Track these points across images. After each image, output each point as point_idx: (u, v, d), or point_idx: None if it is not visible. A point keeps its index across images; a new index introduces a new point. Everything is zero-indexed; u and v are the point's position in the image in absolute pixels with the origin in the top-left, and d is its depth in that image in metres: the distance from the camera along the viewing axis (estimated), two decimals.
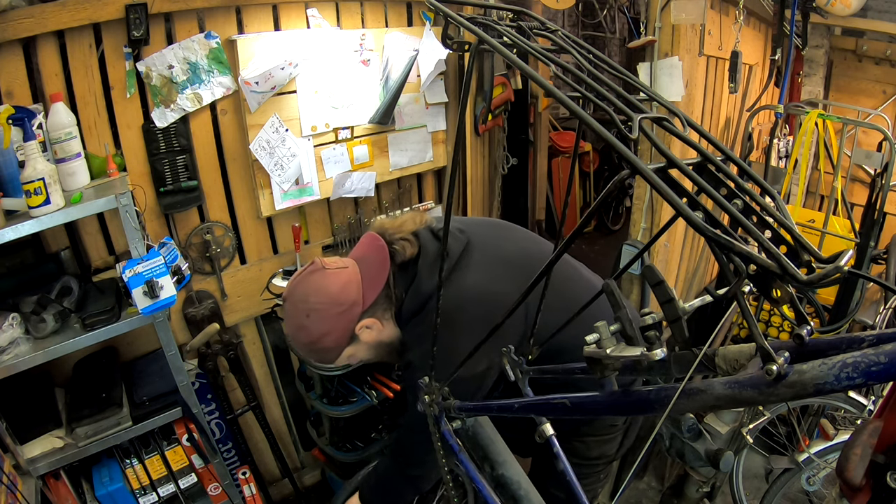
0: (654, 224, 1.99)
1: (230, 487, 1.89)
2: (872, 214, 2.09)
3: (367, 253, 1.25)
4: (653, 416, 0.60)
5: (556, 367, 1.17)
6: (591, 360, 0.63)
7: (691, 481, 1.97)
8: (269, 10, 1.92)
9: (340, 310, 1.18)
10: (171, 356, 1.63)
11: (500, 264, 1.26)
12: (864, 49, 2.73)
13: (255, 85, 1.85)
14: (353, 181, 2.24)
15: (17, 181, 1.33)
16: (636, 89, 0.69)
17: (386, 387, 2.10)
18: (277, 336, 2.32)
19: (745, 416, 1.88)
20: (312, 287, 1.19)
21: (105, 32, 1.63)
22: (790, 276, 0.43)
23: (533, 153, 3.68)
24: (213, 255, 2.01)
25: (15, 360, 1.40)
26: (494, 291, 1.20)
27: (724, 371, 0.65)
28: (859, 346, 0.56)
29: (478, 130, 2.64)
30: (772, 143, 2.59)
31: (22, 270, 1.63)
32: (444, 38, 0.89)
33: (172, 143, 1.83)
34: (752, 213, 0.53)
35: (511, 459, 1.16)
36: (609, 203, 5.10)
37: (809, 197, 2.81)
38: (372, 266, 1.22)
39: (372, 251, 1.25)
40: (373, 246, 1.25)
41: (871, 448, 0.55)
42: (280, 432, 2.44)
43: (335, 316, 1.18)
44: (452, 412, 1.19)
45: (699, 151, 0.55)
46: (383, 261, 1.23)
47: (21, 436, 1.54)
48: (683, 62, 1.77)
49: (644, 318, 0.58)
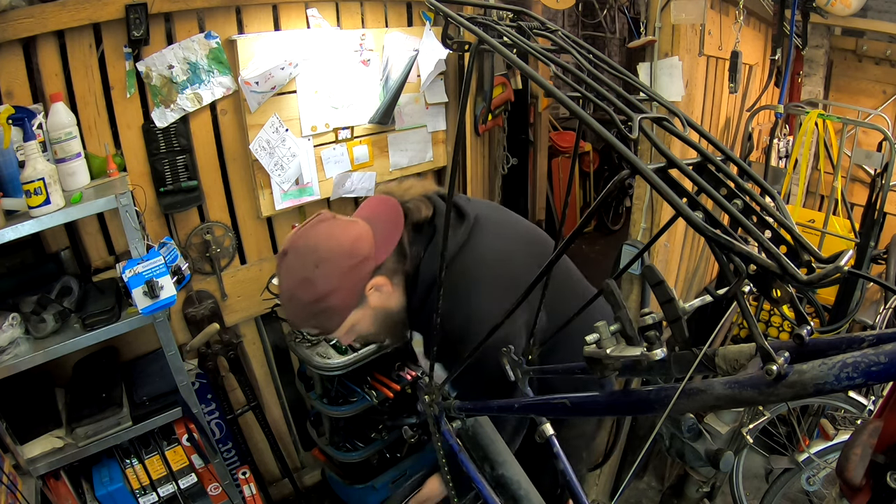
0: (654, 224, 1.98)
1: (230, 487, 1.89)
2: (872, 214, 2.09)
3: (376, 212, 1.17)
4: (653, 416, 0.60)
5: (556, 367, 1.17)
6: (591, 360, 0.63)
7: (691, 481, 1.98)
8: (269, 10, 1.92)
9: (353, 262, 1.07)
10: (171, 356, 1.63)
11: (510, 234, 1.26)
12: (864, 49, 2.73)
13: (255, 85, 1.85)
14: (353, 181, 2.24)
15: (17, 181, 1.33)
16: (636, 89, 0.69)
17: (386, 387, 2.10)
18: (277, 336, 2.32)
19: (745, 416, 1.88)
20: (323, 235, 1.07)
21: (105, 32, 1.63)
22: (790, 276, 0.43)
23: (533, 153, 3.68)
24: (213, 255, 2.01)
25: (15, 360, 1.40)
26: (511, 252, 1.20)
27: (724, 371, 0.65)
28: (859, 346, 0.56)
29: (478, 130, 2.64)
30: (772, 143, 2.59)
31: (22, 270, 1.63)
32: (444, 38, 0.89)
33: (172, 143, 1.83)
34: (752, 213, 0.53)
35: (511, 459, 1.16)
36: (609, 203, 5.11)
37: (809, 197, 2.81)
38: (384, 224, 1.14)
39: (383, 210, 1.17)
40: (384, 205, 1.18)
41: (871, 448, 0.55)
42: (280, 432, 2.44)
43: (346, 270, 1.07)
44: (452, 412, 1.19)
45: (699, 151, 0.55)
46: (397, 218, 1.15)
47: (21, 436, 1.54)
48: (683, 62, 1.77)
49: (644, 318, 0.58)
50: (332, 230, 1.09)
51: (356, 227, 1.11)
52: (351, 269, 1.07)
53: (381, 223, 1.14)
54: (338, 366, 1.98)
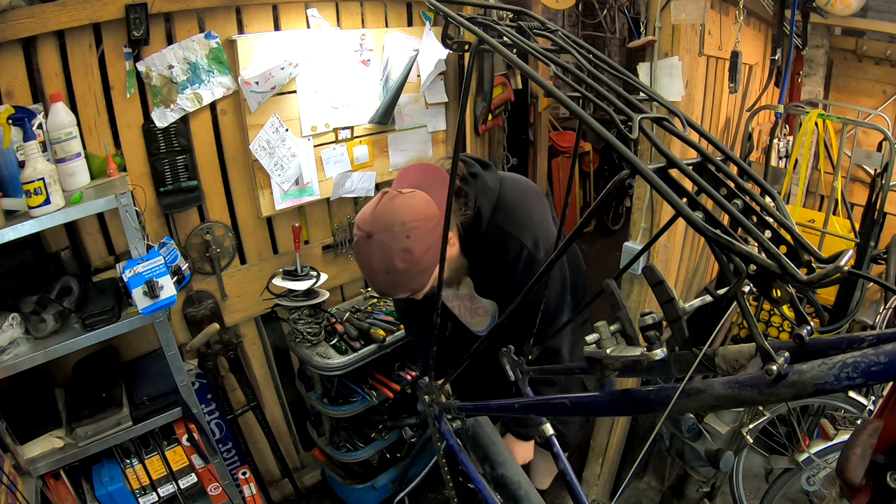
0: (654, 224, 1.98)
1: (230, 487, 1.89)
2: (872, 214, 2.09)
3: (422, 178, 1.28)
4: (653, 416, 0.60)
5: (555, 367, 1.17)
6: (591, 360, 0.63)
7: (691, 481, 1.97)
8: (269, 10, 1.92)
9: (434, 223, 1.18)
10: (171, 356, 1.63)
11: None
12: (864, 49, 2.73)
13: (255, 85, 1.85)
14: (353, 181, 2.24)
15: (17, 181, 1.33)
16: (636, 89, 0.69)
17: (386, 387, 2.11)
18: (277, 336, 2.32)
19: (745, 416, 1.88)
20: (402, 209, 1.18)
21: (105, 32, 1.63)
22: (790, 276, 0.43)
23: (533, 153, 3.68)
24: (213, 255, 2.01)
25: (15, 360, 1.40)
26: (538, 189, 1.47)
27: (724, 371, 0.65)
28: (859, 346, 0.56)
29: (478, 130, 2.63)
30: (772, 143, 2.59)
31: (22, 270, 1.63)
32: (444, 38, 0.89)
33: (172, 143, 1.83)
34: (752, 213, 0.53)
35: (511, 459, 1.16)
36: (609, 203, 5.10)
37: (809, 197, 2.81)
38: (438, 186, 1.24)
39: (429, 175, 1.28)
40: (427, 170, 1.30)
41: (871, 448, 0.55)
42: (280, 432, 2.44)
43: (432, 230, 1.18)
44: (452, 412, 1.19)
45: (699, 151, 0.55)
46: (444, 178, 1.25)
47: (21, 436, 1.54)
48: (683, 62, 1.76)
49: (644, 318, 0.58)
50: (406, 202, 1.19)
51: (420, 195, 1.21)
52: (433, 230, 1.18)
53: (433, 187, 1.24)
54: (338, 366, 1.98)
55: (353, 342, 2.06)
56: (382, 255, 1.17)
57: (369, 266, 1.20)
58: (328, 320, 2.14)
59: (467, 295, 1.51)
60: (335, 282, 2.36)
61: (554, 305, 1.40)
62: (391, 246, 1.16)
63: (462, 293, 1.51)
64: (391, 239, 1.15)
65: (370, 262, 1.19)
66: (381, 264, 1.18)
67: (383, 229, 1.16)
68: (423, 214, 1.17)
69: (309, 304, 2.04)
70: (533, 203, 1.39)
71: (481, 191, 1.31)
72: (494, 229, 1.32)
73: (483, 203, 1.31)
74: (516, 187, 1.40)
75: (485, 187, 1.32)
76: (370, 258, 1.18)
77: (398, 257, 1.16)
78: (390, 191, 1.23)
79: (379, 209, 1.19)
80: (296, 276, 2.04)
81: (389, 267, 1.17)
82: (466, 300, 1.54)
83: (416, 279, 1.21)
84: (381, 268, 1.18)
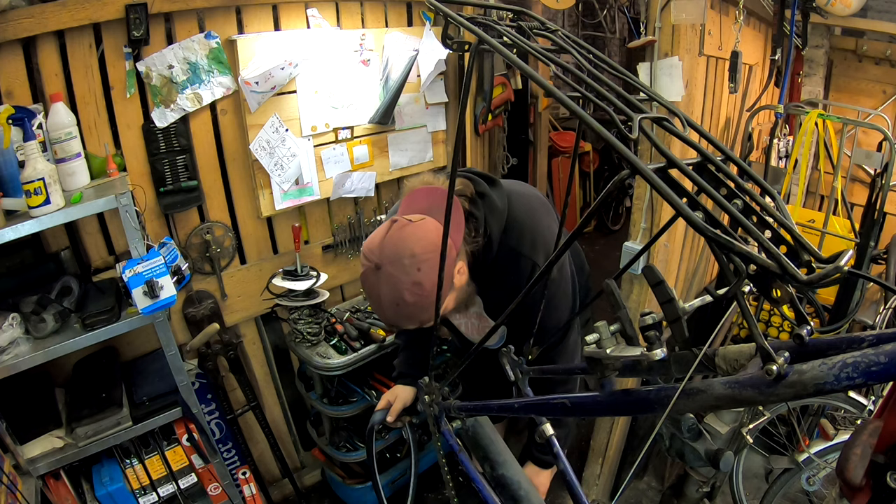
0: (654, 224, 1.98)
1: (230, 487, 1.89)
2: (872, 214, 2.09)
3: (432, 203, 1.23)
4: (653, 416, 0.60)
5: (555, 367, 1.17)
6: (591, 360, 0.63)
7: (691, 481, 1.98)
8: (269, 10, 1.92)
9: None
10: (171, 356, 1.63)
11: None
12: (864, 49, 2.73)
13: (255, 85, 1.85)
14: (353, 181, 2.24)
15: (17, 181, 1.33)
16: (636, 89, 0.69)
17: (386, 387, 2.10)
18: (277, 336, 2.32)
19: (745, 416, 1.88)
20: (411, 240, 1.13)
21: (105, 32, 1.63)
22: (790, 276, 0.43)
23: (533, 153, 3.68)
24: (213, 255, 2.01)
25: (15, 360, 1.40)
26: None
27: (724, 371, 0.65)
28: (859, 346, 0.56)
29: (478, 130, 2.63)
30: (772, 143, 2.59)
31: (22, 270, 1.63)
32: (444, 38, 0.89)
33: (172, 143, 1.83)
34: (752, 213, 0.53)
35: (511, 459, 1.16)
36: (609, 203, 5.10)
37: (809, 197, 2.81)
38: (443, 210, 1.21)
39: (436, 200, 1.23)
40: (432, 195, 1.25)
41: (871, 448, 0.55)
42: (280, 432, 2.44)
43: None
44: (452, 412, 1.19)
45: (699, 151, 0.55)
46: (456, 202, 1.22)
47: (21, 436, 1.54)
48: (683, 62, 1.76)
49: (644, 318, 0.58)
50: (416, 232, 1.14)
51: (430, 223, 1.17)
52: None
53: (442, 212, 1.19)
54: (338, 366, 1.98)
55: (353, 342, 2.06)
56: (392, 287, 1.13)
57: (378, 299, 1.16)
58: (328, 320, 2.14)
59: (475, 314, 1.47)
60: (335, 282, 2.36)
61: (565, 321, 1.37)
62: (401, 279, 1.11)
63: (470, 311, 1.47)
64: (401, 271, 1.11)
65: (378, 295, 1.15)
66: (390, 297, 1.14)
67: (392, 261, 1.12)
68: (433, 246, 1.12)
69: (309, 304, 2.04)
70: (542, 218, 1.36)
71: (490, 212, 1.28)
72: (506, 251, 1.29)
73: (493, 226, 1.27)
74: (525, 203, 1.36)
75: (493, 208, 1.28)
76: (379, 291, 1.14)
77: (408, 290, 1.12)
78: (399, 219, 1.17)
79: (388, 240, 1.14)
80: (296, 276, 2.04)
81: (399, 300, 1.13)
82: (474, 318, 1.48)
83: (426, 311, 1.15)
84: (391, 301, 1.14)
